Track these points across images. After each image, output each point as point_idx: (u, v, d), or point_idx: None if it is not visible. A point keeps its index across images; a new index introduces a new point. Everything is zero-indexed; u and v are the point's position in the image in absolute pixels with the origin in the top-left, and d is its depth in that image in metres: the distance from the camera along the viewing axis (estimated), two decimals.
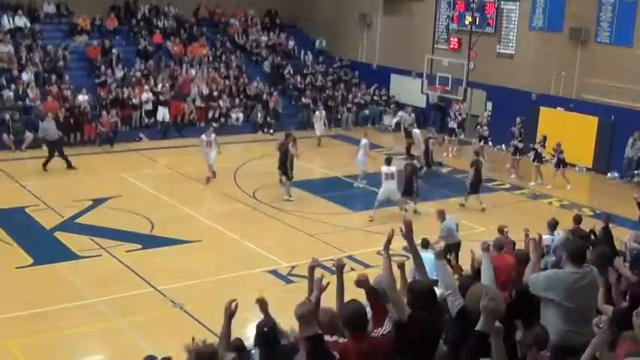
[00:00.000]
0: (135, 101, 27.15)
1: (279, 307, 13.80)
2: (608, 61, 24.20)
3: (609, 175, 24.11)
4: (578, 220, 13.39)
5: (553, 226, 13.37)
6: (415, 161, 20.89)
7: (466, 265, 11.37)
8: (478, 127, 25.47)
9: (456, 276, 10.69)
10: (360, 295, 6.06)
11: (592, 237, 11.78)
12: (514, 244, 12.10)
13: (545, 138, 22.84)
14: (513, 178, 23.39)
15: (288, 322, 11.11)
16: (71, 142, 25.15)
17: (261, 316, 7.26)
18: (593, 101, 24.59)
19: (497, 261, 11.13)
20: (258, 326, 7.07)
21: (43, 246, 16.28)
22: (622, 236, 12.94)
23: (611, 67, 24.08)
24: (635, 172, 23.04)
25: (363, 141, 22.34)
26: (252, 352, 9.83)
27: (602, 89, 24.34)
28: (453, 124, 26.86)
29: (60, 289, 14.03)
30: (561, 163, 22.61)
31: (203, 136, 22.08)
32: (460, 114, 27.00)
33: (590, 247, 9.02)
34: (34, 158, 23.69)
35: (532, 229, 13.48)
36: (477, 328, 4.96)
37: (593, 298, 6.95)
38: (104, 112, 25.94)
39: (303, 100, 30.44)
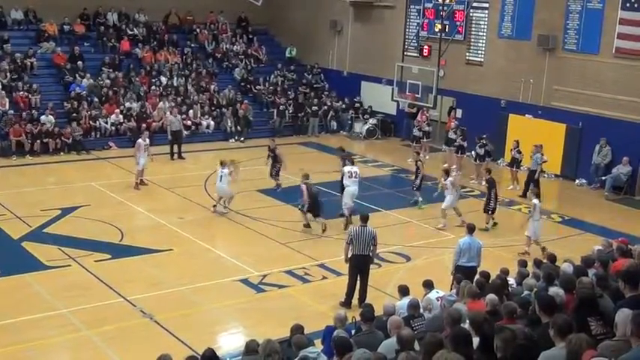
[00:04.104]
0: (103, 122, 26.90)
1: (251, 316, 13.88)
2: (576, 69, 24.51)
3: (577, 181, 24.36)
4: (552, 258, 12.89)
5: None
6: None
7: None
8: (454, 134, 25.44)
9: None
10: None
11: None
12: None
13: (518, 143, 22.98)
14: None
15: (260, 331, 11.14)
16: (36, 150, 24.91)
17: (230, 325, 7.25)
18: (561, 108, 24.87)
19: (470, 308, 10.97)
20: None
21: (11, 256, 16.05)
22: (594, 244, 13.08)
23: (579, 74, 24.39)
24: (603, 177, 23.31)
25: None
26: None
27: (569, 96, 24.64)
28: (417, 133, 26.91)
29: (28, 300, 13.83)
30: (515, 164, 22.83)
31: (141, 140, 21.74)
32: (428, 124, 27.03)
33: None
34: (2, 167, 23.43)
35: (500, 235, 13.64)
36: None
37: None
38: (69, 126, 25.81)
39: (280, 107, 30.38)
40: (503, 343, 6.12)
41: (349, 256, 13.96)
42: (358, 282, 13.90)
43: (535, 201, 17.46)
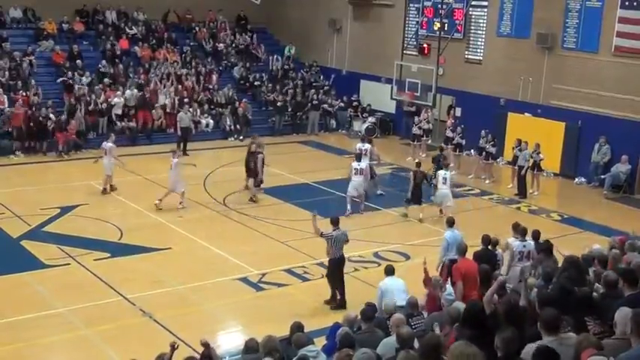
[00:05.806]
0: (104, 105, 26.86)
1: (251, 315, 13.87)
2: (575, 67, 24.49)
3: (576, 180, 24.34)
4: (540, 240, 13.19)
5: (523, 232, 13.20)
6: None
7: None
8: (451, 133, 25.33)
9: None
10: None
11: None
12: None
13: (520, 142, 22.90)
14: (487, 183, 23.46)
15: (259, 330, 11.12)
16: (36, 148, 24.89)
17: (229, 323, 7.26)
18: (560, 107, 24.85)
19: (462, 265, 11.26)
20: None
21: (10, 255, 16.06)
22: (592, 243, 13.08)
23: (578, 72, 24.37)
24: (602, 176, 23.30)
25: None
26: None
27: (569, 95, 24.63)
28: (417, 131, 26.89)
29: (27, 298, 13.82)
30: (516, 162, 22.78)
31: (111, 144, 20.75)
32: (428, 122, 26.99)
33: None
34: (1, 166, 23.40)
35: (498, 233, 13.62)
36: None
37: None
38: (72, 121, 25.66)
39: (278, 104, 30.37)
40: (503, 342, 6.11)
41: (330, 258, 13.88)
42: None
43: (441, 171, 18.69)
